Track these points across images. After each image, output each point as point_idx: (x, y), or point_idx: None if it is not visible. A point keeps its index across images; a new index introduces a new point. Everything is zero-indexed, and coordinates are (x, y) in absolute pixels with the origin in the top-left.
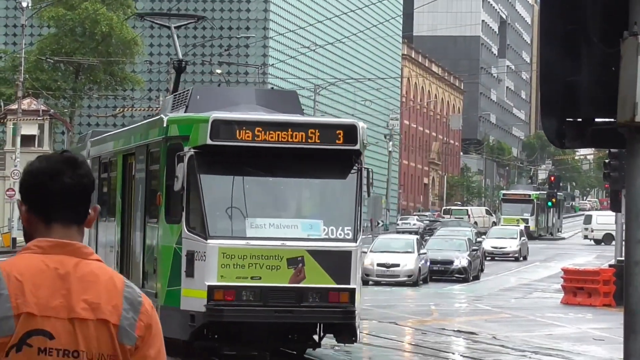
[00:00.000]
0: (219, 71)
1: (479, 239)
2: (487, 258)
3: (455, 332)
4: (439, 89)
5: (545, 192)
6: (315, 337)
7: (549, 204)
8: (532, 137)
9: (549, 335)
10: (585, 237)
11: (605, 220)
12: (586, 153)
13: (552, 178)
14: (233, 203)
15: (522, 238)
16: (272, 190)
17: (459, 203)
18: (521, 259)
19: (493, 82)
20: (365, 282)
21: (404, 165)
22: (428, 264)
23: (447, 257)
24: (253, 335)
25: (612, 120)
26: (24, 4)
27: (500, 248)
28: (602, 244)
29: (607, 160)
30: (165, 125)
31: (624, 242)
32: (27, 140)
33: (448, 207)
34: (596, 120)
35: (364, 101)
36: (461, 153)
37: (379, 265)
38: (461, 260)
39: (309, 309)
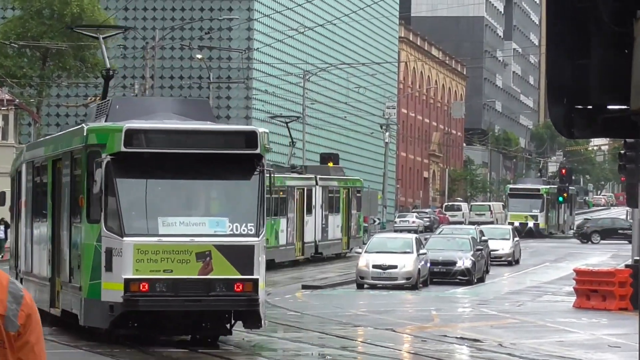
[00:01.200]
0: (199, 56)
1: (483, 238)
2: None
3: (458, 340)
4: (439, 75)
5: (555, 186)
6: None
7: (560, 199)
8: (541, 127)
9: (560, 342)
10: None
11: None
12: (600, 143)
13: (564, 171)
14: (146, 204)
15: (515, 239)
16: (181, 192)
17: (460, 199)
18: (514, 263)
19: (498, 67)
20: (360, 286)
21: (401, 158)
22: (428, 265)
23: (449, 257)
24: (168, 322)
25: (626, 107)
26: None
27: (493, 251)
28: None
29: (622, 151)
30: (85, 134)
31: None
32: None
33: (451, 203)
34: (608, 107)
35: (358, 88)
36: (464, 144)
37: (374, 267)
38: (464, 261)
39: (216, 298)
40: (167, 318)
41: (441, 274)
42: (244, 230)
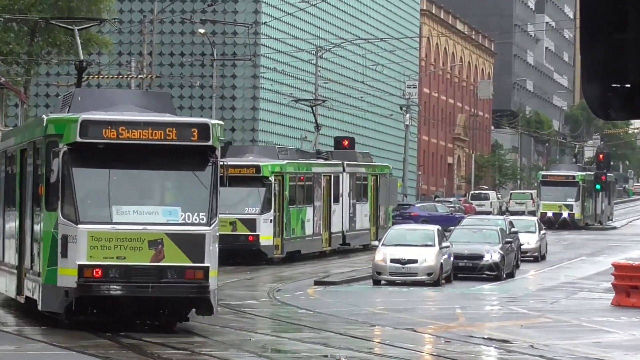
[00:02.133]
0: (202, 31)
1: (513, 229)
2: None
3: (485, 340)
4: (464, 51)
5: (592, 173)
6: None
7: (597, 187)
8: (577, 108)
9: (597, 342)
10: None
11: None
12: None
13: (601, 156)
14: (101, 193)
15: (542, 231)
16: (135, 181)
17: (486, 187)
18: (540, 259)
19: (529, 42)
20: (376, 282)
21: (423, 142)
22: (452, 259)
23: (475, 251)
24: (126, 308)
25: None
26: None
27: None
28: None
29: None
30: (44, 124)
31: None
32: None
33: (477, 192)
34: None
35: (376, 66)
36: (492, 127)
37: (392, 261)
38: (492, 255)
39: (167, 284)
40: (124, 304)
41: (467, 269)
42: (195, 219)
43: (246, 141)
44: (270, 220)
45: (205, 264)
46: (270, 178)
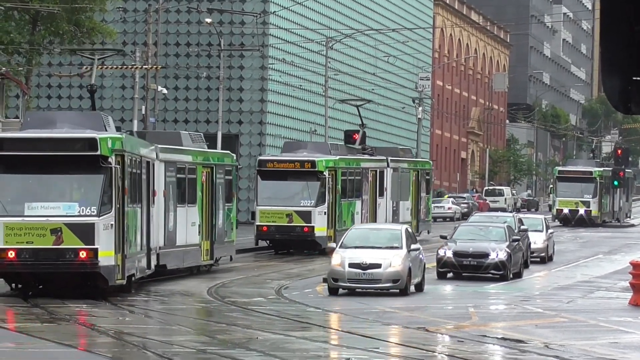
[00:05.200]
0: (208, 20)
1: (522, 227)
2: None
3: (499, 340)
4: (479, 42)
5: (610, 168)
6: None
7: (615, 183)
8: (595, 101)
9: (614, 343)
10: None
11: None
12: None
13: (619, 151)
14: (16, 193)
15: (549, 231)
16: (43, 184)
17: (493, 183)
18: (547, 259)
19: (546, 34)
20: (333, 290)
21: (436, 136)
22: (424, 262)
23: (480, 249)
24: (55, 282)
25: None
26: None
27: None
28: None
29: None
30: None
31: None
32: None
33: (492, 188)
34: None
35: (387, 57)
36: (507, 121)
37: (351, 266)
38: (498, 253)
39: (65, 262)
40: (51, 279)
41: (471, 268)
42: (88, 212)
43: (254, 134)
44: (325, 213)
45: (95, 246)
46: (324, 172)
